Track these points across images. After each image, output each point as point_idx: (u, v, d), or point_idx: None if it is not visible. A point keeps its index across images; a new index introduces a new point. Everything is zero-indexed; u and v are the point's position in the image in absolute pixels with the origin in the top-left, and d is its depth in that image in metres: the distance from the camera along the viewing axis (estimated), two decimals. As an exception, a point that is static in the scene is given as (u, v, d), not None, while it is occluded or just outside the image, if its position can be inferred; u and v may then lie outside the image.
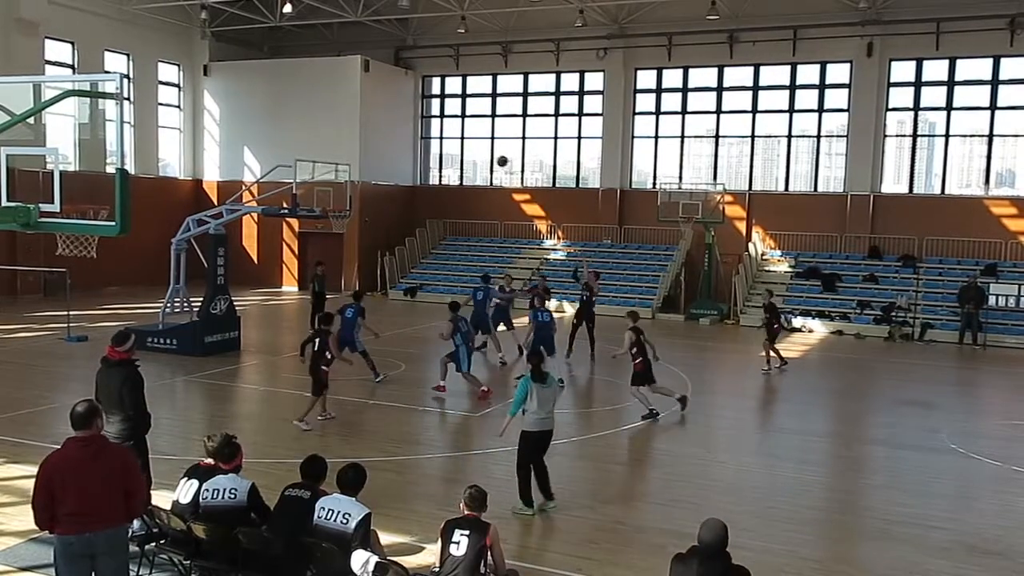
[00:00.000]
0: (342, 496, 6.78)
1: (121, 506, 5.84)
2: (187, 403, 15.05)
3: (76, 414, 5.83)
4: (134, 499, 5.94)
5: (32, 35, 25.47)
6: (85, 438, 5.79)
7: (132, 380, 8.14)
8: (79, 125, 6.98)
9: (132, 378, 8.15)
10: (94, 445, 5.81)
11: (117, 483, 5.79)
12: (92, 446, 5.80)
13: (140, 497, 6.14)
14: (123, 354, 8.25)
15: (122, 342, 8.30)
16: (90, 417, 5.83)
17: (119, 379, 8.11)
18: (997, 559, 8.53)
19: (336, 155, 24.47)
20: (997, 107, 26.49)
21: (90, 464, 5.75)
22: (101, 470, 5.76)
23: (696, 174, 30.03)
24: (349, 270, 30.87)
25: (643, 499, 10.31)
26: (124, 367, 8.23)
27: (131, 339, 8.38)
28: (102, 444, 5.91)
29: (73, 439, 5.82)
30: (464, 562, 6.28)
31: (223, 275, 18.20)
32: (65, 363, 17.19)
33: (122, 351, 8.24)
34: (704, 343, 22.83)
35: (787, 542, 8.79)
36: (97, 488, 5.75)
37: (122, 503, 5.83)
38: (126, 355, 8.25)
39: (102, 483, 5.75)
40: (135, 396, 8.13)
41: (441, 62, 32.93)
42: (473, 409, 14.13)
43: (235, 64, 32.12)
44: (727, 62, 28.95)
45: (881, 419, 14.60)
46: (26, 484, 9.70)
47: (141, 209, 9.68)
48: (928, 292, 25.31)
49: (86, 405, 5.89)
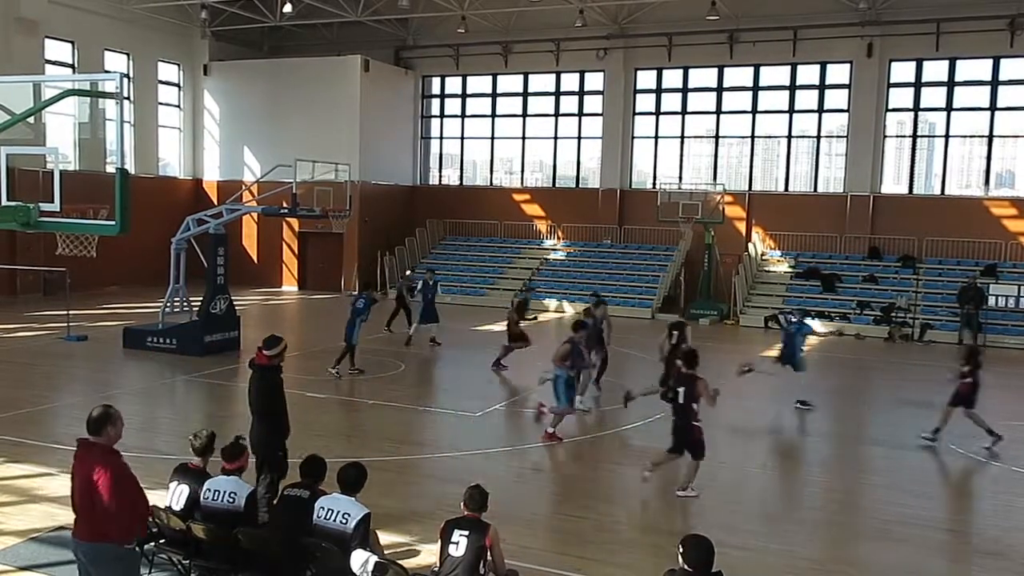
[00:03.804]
0: (341, 496, 6.77)
1: (103, 522, 5.56)
2: (187, 403, 15.05)
3: (90, 419, 5.69)
4: (115, 520, 5.56)
5: (32, 34, 25.47)
6: (86, 444, 5.67)
7: (268, 385, 8.11)
8: (79, 124, 6.97)
9: (268, 383, 8.12)
10: (90, 453, 5.62)
11: (97, 497, 5.51)
12: (89, 454, 5.62)
13: (122, 519, 5.61)
14: (266, 359, 8.19)
15: (269, 347, 8.24)
16: (101, 424, 5.64)
17: (256, 383, 8.16)
18: (997, 559, 8.53)
19: (336, 155, 24.48)
20: (997, 108, 26.48)
21: (81, 471, 5.63)
22: (84, 480, 5.58)
23: (696, 174, 30.02)
24: (349, 270, 30.86)
25: (642, 499, 10.30)
26: (264, 372, 8.20)
27: (278, 345, 8.29)
28: (97, 454, 5.60)
29: (79, 441, 5.73)
30: (463, 562, 6.27)
31: (223, 275, 18.19)
32: (65, 362, 17.18)
33: (267, 355, 8.19)
34: (704, 343, 22.76)
35: (787, 542, 8.79)
36: (79, 498, 5.66)
37: (104, 519, 5.55)
38: (267, 360, 8.19)
39: (82, 494, 5.62)
40: (264, 402, 8.10)
41: (441, 62, 32.93)
42: (475, 409, 14.13)
43: (235, 64, 32.11)
44: (727, 62, 28.94)
45: (881, 419, 14.60)
46: (25, 484, 9.71)
47: (141, 209, 9.68)
48: (928, 293, 25.31)
49: (100, 411, 5.71)
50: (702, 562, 5.38)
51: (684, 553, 5.41)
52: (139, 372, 16.65)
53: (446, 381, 17.47)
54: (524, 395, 15.29)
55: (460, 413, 13.90)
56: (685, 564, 5.39)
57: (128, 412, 13.70)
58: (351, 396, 14.79)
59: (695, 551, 5.40)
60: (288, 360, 18.07)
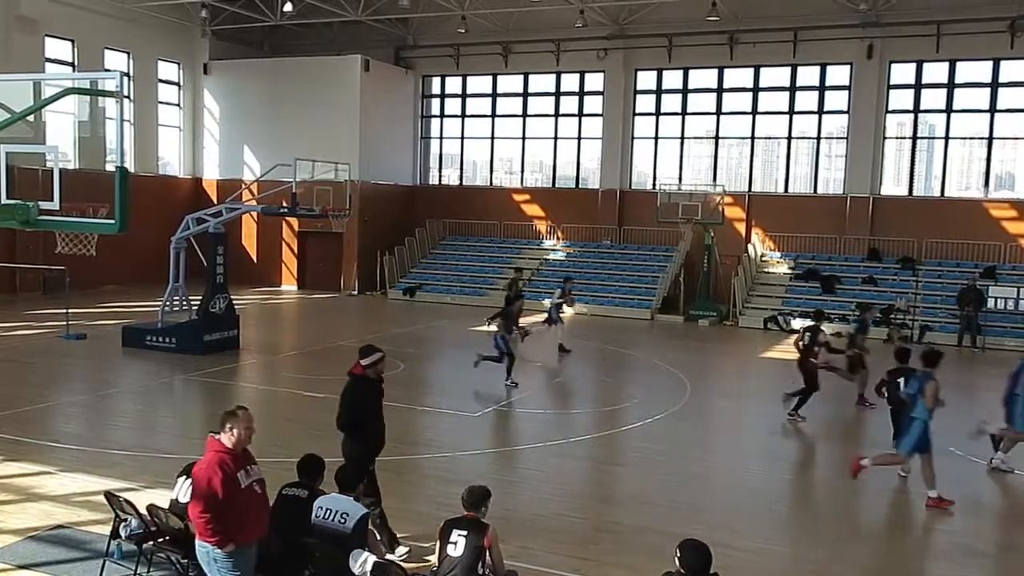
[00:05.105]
0: (340, 496, 6.77)
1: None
2: (186, 402, 15.04)
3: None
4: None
5: (32, 32, 25.46)
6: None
7: (351, 395, 7.98)
8: (79, 123, 6.97)
9: (352, 392, 7.99)
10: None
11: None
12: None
13: (192, 518, 6.03)
14: (358, 368, 8.04)
15: (362, 356, 8.07)
16: (221, 421, 6.00)
17: (346, 394, 8.02)
18: (994, 561, 8.53)
19: (336, 154, 24.45)
20: (997, 110, 26.48)
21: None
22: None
23: (696, 175, 30.02)
24: (348, 269, 30.87)
25: (642, 500, 10.29)
26: (358, 382, 8.04)
27: (371, 355, 8.01)
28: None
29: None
30: (461, 562, 6.27)
31: (222, 274, 18.18)
32: (64, 361, 17.17)
33: (361, 365, 8.02)
34: (703, 344, 22.83)
35: (786, 543, 8.79)
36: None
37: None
38: (360, 370, 8.02)
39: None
40: (350, 414, 7.93)
41: (441, 62, 32.92)
42: (474, 409, 14.12)
43: (235, 63, 32.10)
44: (727, 63, 28.94)
45: (880, 421, 14.57)
46: (25, 482, 9.71)
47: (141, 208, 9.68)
48: (927, 294, 25.31)
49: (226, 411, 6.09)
50: (699, 568, 5.37)
51: (682, 558, 5.41)
52: (138, 371, 16.64)
53: (445, 381, 17.47)
54: (514, 398, 15.28)
55: (459, 413, 13.90)
56: (682, 568, 5.39)
57: (127, 411, 13.77)
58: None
59: (693, 557, 5.39)
60: (287, 359, 18.10)
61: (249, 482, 5.96)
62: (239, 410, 6.00)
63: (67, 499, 9.14)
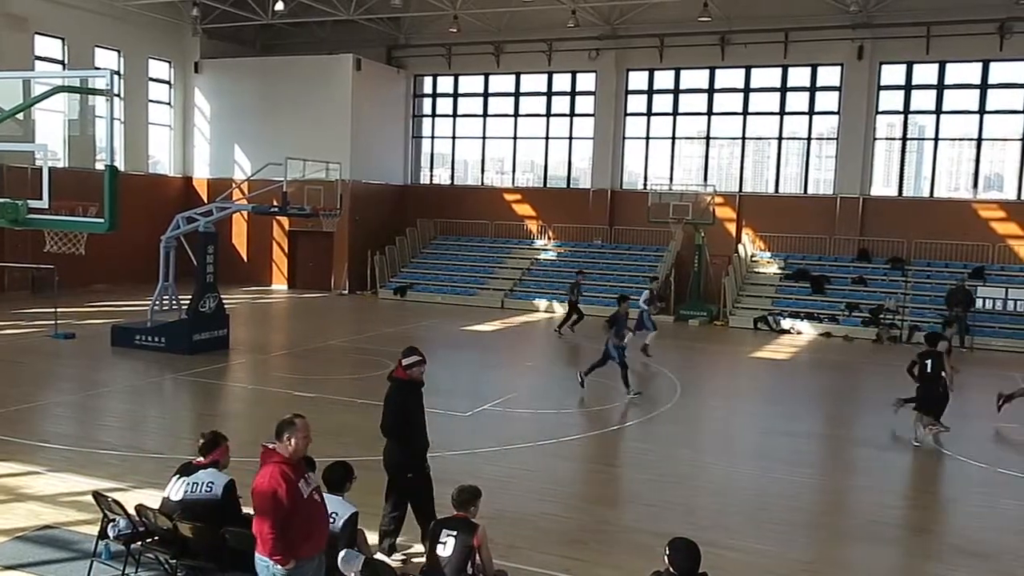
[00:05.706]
0: (330, 495, 6.76)
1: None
2: (175, 401, 14.99)
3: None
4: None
5: (22, 30, 25.34)
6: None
7: (395, 398, 7.84)
8: (69, 121, 6.96)
9: (395, 396, 7.85)
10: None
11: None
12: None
13: (256, 533, 5.75)
14: (400, 372, 7.91)
15: (404, 356, 7.92)
16: (277, 431, 5.81)
17: (388, 398, 7.88)
18: (984, 561, 8.57)
19: (327, 154, 24.41)
20: (986, 111, 26.61)
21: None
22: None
23: (687, 175, 30.08)
24: (339, 269, 30.82)
25: (632, 500, 10.32)
26: (400, 386, 7.90)
27: (410, 356, 7.86)
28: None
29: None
30: (451, 562, 6.27)
31: (212, 273, 18.12)
32: (52, 360, 17.10)
33: (401, 367, 7.88)
34: (693, 344, 22.87)
35: (776, 544, 8.81)
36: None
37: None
38: (402, 373, 7.89)
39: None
40: (392, 418, 7.80)
41: (433, 61, 32.90)
42: (464, 409, 14.12)
43: (226, 61, 32.01)
44: (718, 64, 29.01)
45: (869, 421, 14.65)
46: (12, 482, 9.66)
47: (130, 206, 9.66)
48: (916, 295, 25.42)
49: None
50: (688, 567, 5.38)
51: (671, 556, 5.41)
52: (127, 370, 16.58)
53: (438, 381, 17.44)
54: (505, 398, 15.28)
55: (450, 413, 13.89)
56: (671, 567, 5.39)
57: (116, 411, 13.71)
58: (342, 396, 14.76)
59: (682, 556, 5.40)
60: (277, 359, 18.06)
61: (309, 491, 5.78)
62: (296, 419, 5.78)
63: (55, 499, 9.10)
